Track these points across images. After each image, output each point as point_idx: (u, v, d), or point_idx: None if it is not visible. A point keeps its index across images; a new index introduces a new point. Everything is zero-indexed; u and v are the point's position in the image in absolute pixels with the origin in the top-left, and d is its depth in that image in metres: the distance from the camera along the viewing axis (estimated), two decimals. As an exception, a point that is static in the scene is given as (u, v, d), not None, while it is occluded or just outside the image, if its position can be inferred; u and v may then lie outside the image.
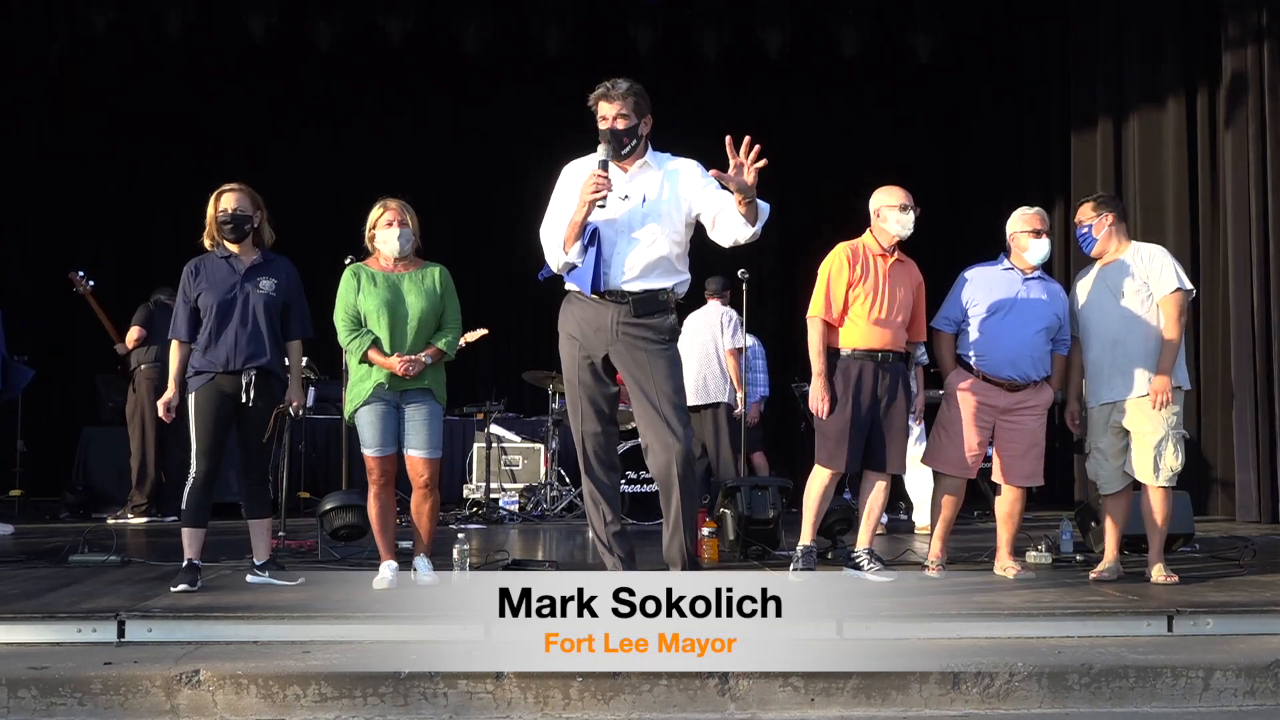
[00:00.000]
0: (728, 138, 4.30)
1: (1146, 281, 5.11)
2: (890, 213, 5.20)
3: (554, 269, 4.66)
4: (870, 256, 5.21)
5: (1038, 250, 5.30)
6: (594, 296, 4.53)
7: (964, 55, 11.44)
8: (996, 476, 5.38)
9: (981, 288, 5.33)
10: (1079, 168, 9.86)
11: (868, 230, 5.29)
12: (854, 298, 5.17)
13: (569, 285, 4.66)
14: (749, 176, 4.29)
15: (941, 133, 12.25)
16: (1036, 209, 5.42)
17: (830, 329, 5.24)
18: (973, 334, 5.30)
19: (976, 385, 5.26)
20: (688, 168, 4.66)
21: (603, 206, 4.43)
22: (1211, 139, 8.81)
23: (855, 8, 10.85)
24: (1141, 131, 9.18)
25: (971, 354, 5.29)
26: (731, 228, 4.51)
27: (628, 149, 4.56)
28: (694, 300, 7.20)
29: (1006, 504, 5.36)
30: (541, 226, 4.66)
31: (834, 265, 5.21)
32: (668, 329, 4.61)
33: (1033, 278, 5.33)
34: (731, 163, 4.32)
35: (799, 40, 10.94)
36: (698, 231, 4.74)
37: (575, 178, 4.61)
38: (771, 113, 11.18)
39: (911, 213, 5.18)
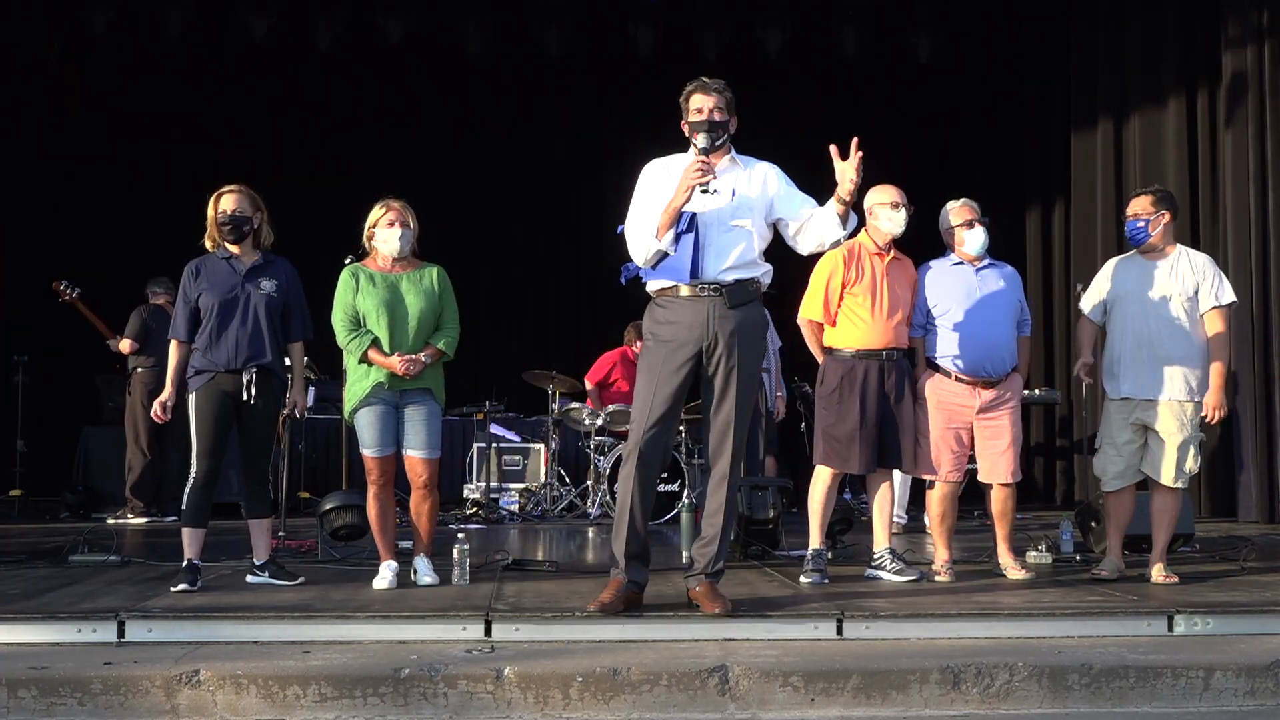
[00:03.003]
0: (832, 147, 4.46)
1: (1196, 290, 5.07)
2: (883, 210, 5.20)
3: (641, 263, 4.59)
4: (866, 255, 5.21)
5: (975, 240, 5.30)
6: (690, 286, 4.48)
7: (964, 55, 11.44)
8: (982, 477, 5.35)
9: (936, 288, 5.29)
10: (1079, 168, 9.87)
11: (862, 229, 5.26)
12: (852, 298, 5.17)
13: (655, 284, 4.59)
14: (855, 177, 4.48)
15: (941, 133, 12.24)
16: (964, 200, 5.42)
17: (822, 330, 5.25)
18: (945, 335, 5.23)
19: (950, 388, 5.21)
20: (774, 172, 4.74)
21: (705, 190, 4.43)
22: (1211, 139, 8.80)
23: (855, 8, 10.86)
24: (1141, 131, 9.18)
25: (946, 355, 5.22)
26: (821, 231, 4.60)
27: (720, 140, 4.60)
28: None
29: (997, 503, 5.32)
30: (626, 225, 4.62)
31: (830, 267, 5.19)
32: (762, 320, 4.67)
33: (984, 267, 5.32)
34: (838, 165, 4.47)
35: (799, 40, 10.94)
36: None
37: (658, 175, 4.61)
38: (771, 113, 11.18)
39: (904, 210, 5.18)
